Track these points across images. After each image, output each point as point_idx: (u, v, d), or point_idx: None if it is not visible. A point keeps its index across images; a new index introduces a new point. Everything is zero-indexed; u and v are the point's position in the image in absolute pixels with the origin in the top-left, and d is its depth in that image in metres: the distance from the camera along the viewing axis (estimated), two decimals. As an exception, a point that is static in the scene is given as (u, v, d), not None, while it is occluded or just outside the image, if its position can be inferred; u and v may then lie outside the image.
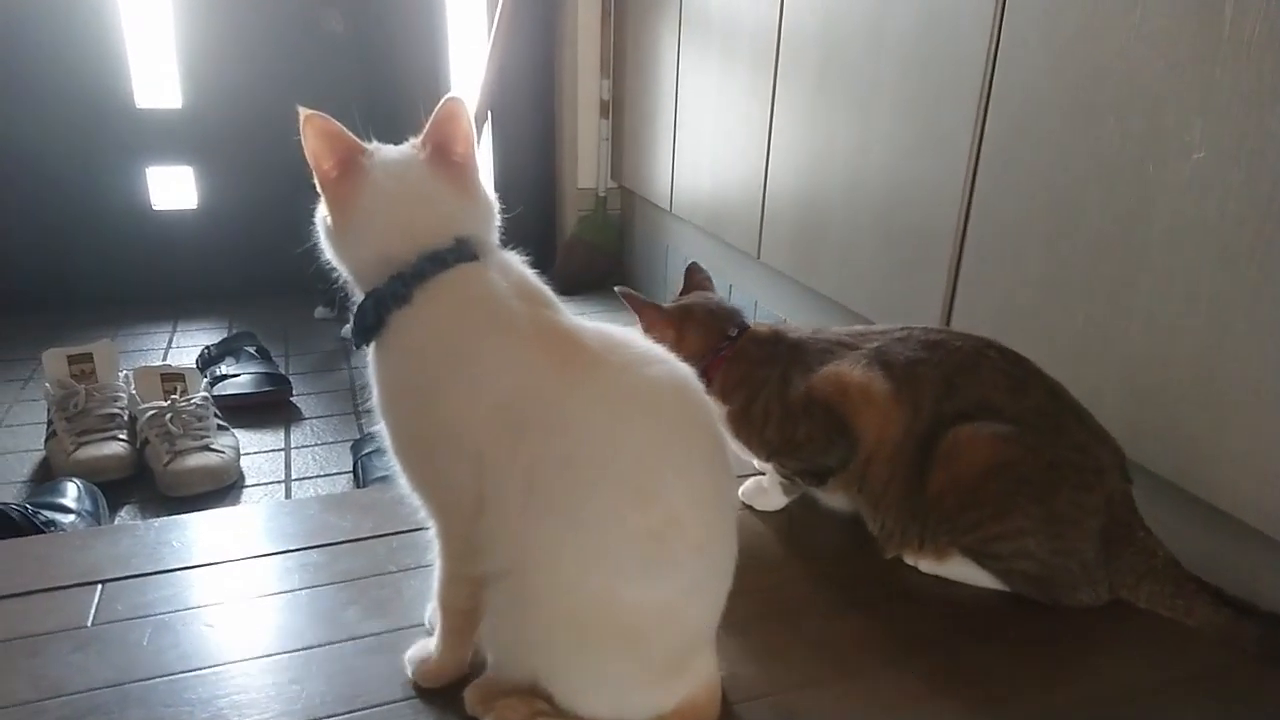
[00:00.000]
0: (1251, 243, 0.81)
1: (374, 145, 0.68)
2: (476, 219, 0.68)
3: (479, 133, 2.26)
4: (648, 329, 0.99)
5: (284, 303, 2.24)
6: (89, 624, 0.80)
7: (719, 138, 1.83)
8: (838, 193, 1.43)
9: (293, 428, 1.65)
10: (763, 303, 1.81)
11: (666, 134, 2.07)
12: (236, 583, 0.87)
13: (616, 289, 1.03)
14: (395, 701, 0.71)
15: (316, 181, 0.66)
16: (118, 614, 0.81)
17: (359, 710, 0.70)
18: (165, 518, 0.99)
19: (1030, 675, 0.78)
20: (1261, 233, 0.80)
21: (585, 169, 2.46)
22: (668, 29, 2.01)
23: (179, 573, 0.88)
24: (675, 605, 0.63)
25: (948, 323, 1.20)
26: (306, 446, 1.57)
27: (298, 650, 0.77)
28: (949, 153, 1.17)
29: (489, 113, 2.30)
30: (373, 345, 0.65)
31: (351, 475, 1.45)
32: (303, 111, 0.63)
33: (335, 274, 0.69)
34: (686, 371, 0.66)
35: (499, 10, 2.20)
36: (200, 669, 0.75)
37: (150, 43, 2.14)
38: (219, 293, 2.30)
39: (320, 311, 2.21)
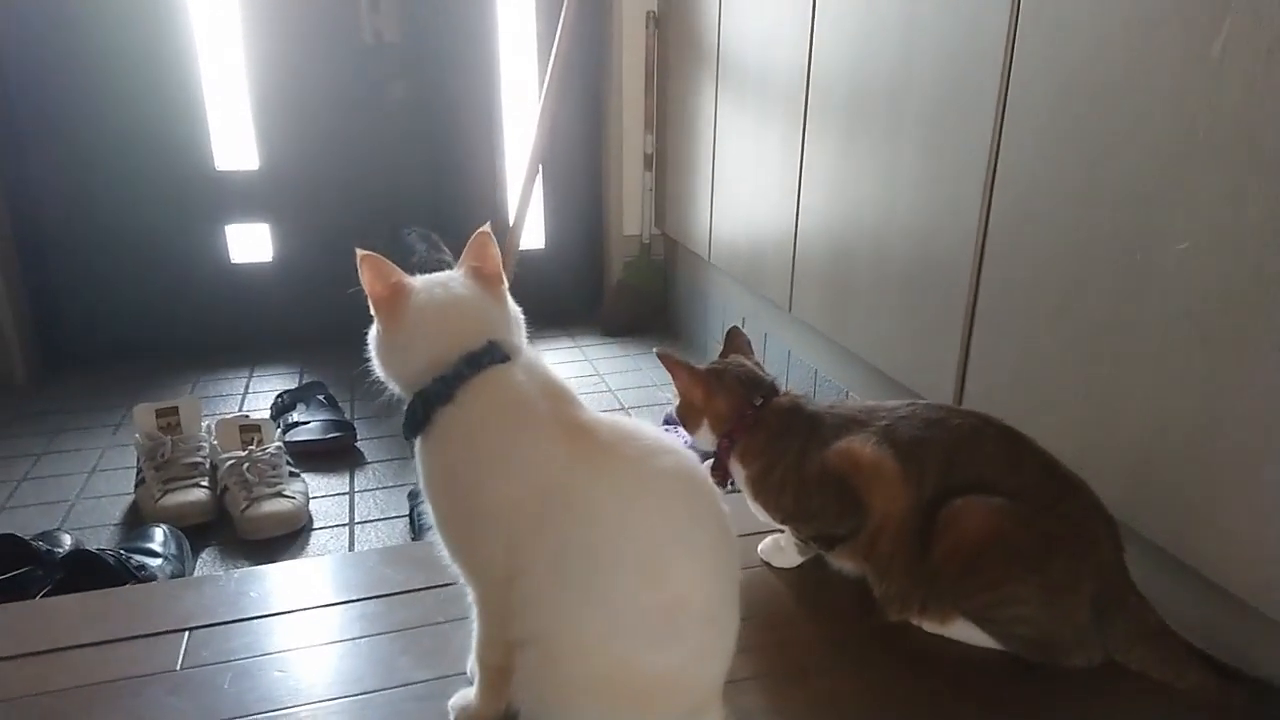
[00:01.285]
0: (1233, 329, 0.86)
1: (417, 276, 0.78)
2: (506, 325, 0.78)
3: (531, 187, 2.39)
4: (681, 389, 1.08)
5: (350, 350, 2.37)
6: (178, 668, 0.91)
7: (753, 192, 1.91)
8: (864, 251, 1.50)
9: (357, 472, 1.77)
10: (795, 353, 1.89)
11: (705, 187, 2.17)
12: (305, 631, 0.98)
13: (655, 351, 1.12)
14: (441, 745, 0.81)
15: (371, 305, 0.77)
16: (203, 659, 0.93)
17: (411, 753, 0.80)
18: (245, 569, 1.11)
19: (1021, 734, 0.84)
20: (1241, 321, 0.85)
21: (630, 217, 2.57)
22: (706, 87, 2.11)
23: (255, 621, 0.99)
24: (684, 668, 0.71)
25: (961, 387, 1.27)
26: (369, 490, 1.69)
27: (358, 695, 0.88)
28: (960, 227, 1.23)
29: (540, 167, 2.43)
30: (419, 438, 0.76)
31: (408, 520, 1.57)
32: (359, 252, 0.74)
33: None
34: (693, 461, 0.75)
35: (549, 75, 2.33)
36: (275, 710, 0.85)
37: (229, 110, 2.32)
38: (291, 340, 2.46)
39: None
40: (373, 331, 0.79)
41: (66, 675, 0.91)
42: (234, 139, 2.35)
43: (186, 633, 0.97)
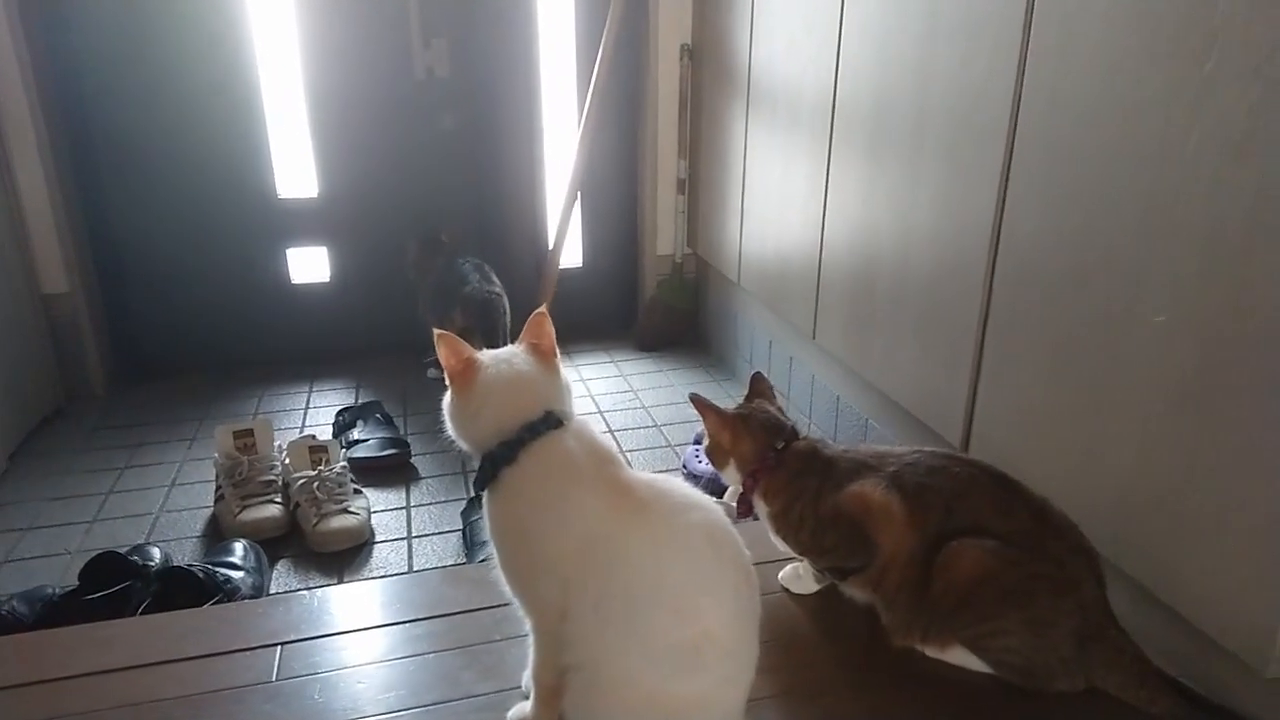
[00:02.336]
0: (1209, 393, 0.96)
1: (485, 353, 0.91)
2: (560, 395, 0.91)
3: (570, 210, 2.52)
4: (710, 429, 1.20)
5: (404, 366, 2.56)
6: (274, 679, 1.06)
7: (779, 221, 2.03)
8: (882, 286, 1.61)
9: (412, 487, 1.92)
10: (819, 378, 2.00)
11: (735, 213, 2.28)
12: (379, 646, 1.12)
13: (689, 395, 1.24)
14: (502, 751, 0.95)
15: (447, 377, 0.90)
16: (295, 671, 1.07)
17: (476, 758, 0.94)
18: (324, 588, 1.25)
19: (1008, 751, 0.96)
20: (1212, 387, 0.96)
21: (664, 238, 2.69)
22: (737, 115, 2.22)
23: (338, 636, 1.14)
24: (710, 695, 0.84)
25: (969, 426, 1.37)
26: (424, 505, 1.84)
27: (428, 705, 1.02)
28: (969, 277, 1.34)
29: (579, 192, 2.56)
30: (487, 492, 0.89)
31: (461, 535, 1.71)
32: (437, 332, 0.87)
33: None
34: (719, 515, 0.87)
35: (588, 105, 2.46)
36: (363, 717, 0.99)
37: (290, 142, 2.48)
38: (347, 357, 2.63)
39: (432, 373, 2.50)
40: (447, 399, 0.92)
41: (175, 685, 1.06)
42: (295, 169, 2.51)
43: (279, 647, 1.11)
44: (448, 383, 0.91)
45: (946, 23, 1.35)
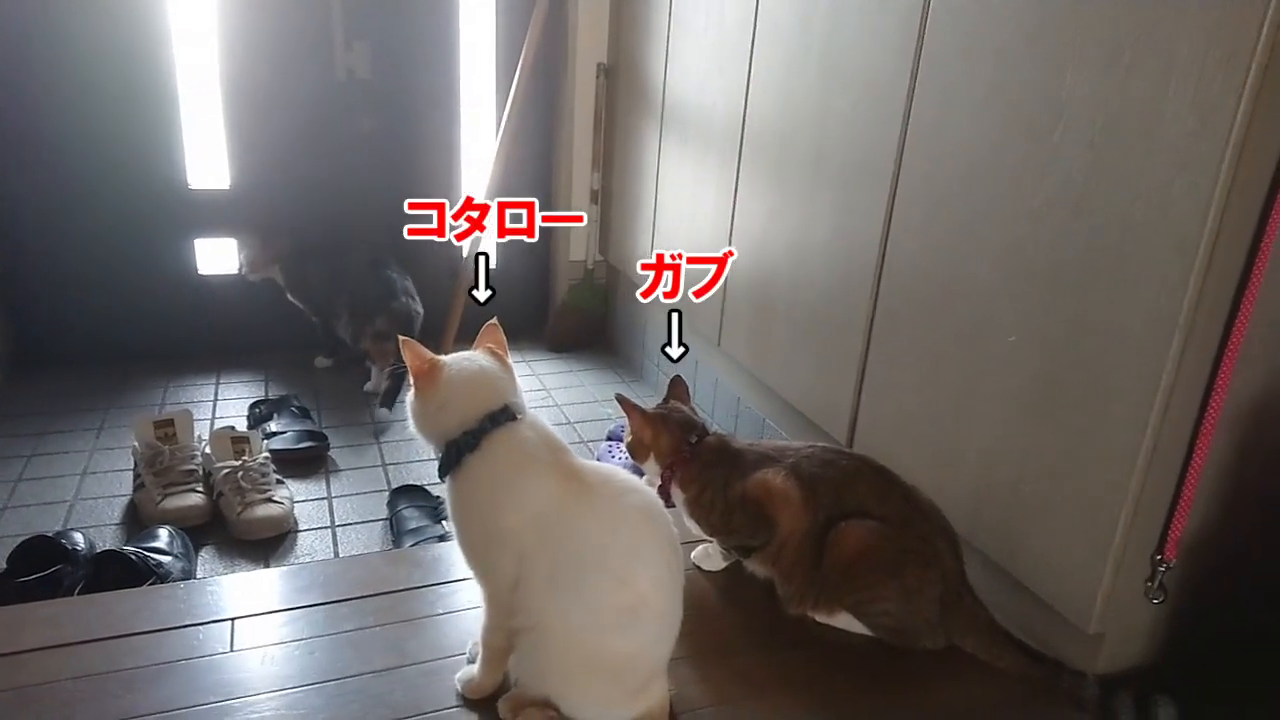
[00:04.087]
0: (1047, 401, 1.18)
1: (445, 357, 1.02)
2: (515, 391, 1.03)
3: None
4: (633, 427, 1.34)
5: (312, 360, 2.59)
6: (230, 650, 1.14)
7: (689, 233, 2.19)
8: (781, 301, 1.79)
9: (332, 478, 1.99)
10: (722, 381, 2.18)
11: (647, 224, 2.44)
12: (328, 619, 1.21)
13: (615, 395, 1.38)
14: (451, 708, 1.06)
15: (411, 376, 1.01)
16: (249, 643, 1.15)
17: (428, 712, 1.05)
18: (279, 569, 1.32)
19: (884, 698, 1.14)
20: (1052, 396, 1.17)
21: (576, 245, 2.83)
22: (651, 132, 2.38)
23: (287, 612, 1.22)
24: (642, 650, 0.98)
25: (854, 424, 1.57)
26: (346, 496, 1.91)
27: (379, 671, 1.12)
28: (857, 292, 1.54)
29: (496, 200, 2.66)
30: (450, 477, 1.00)
31: (389, 524, 1.79)
32: (401, 338, 0.99)
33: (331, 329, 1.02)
34: (653, 497, 1.01)
35: (506, 115, 2.57)
36: (315, 683, 1.09)
37: (204, 134, 2.48)
38: (256, 349, 2.64)
39: (320, 361, 2.56)
40: (410, 397, 1.03)
41: (132, 657, 1.12)
42: (208, 160, 2.51)
43: (231, 622, 1.19)
44: (412, 382, 1.02)
45: (841, 79, 1.55)
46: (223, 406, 2.33)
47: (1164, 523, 1.09)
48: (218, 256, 2.61)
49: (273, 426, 2.08)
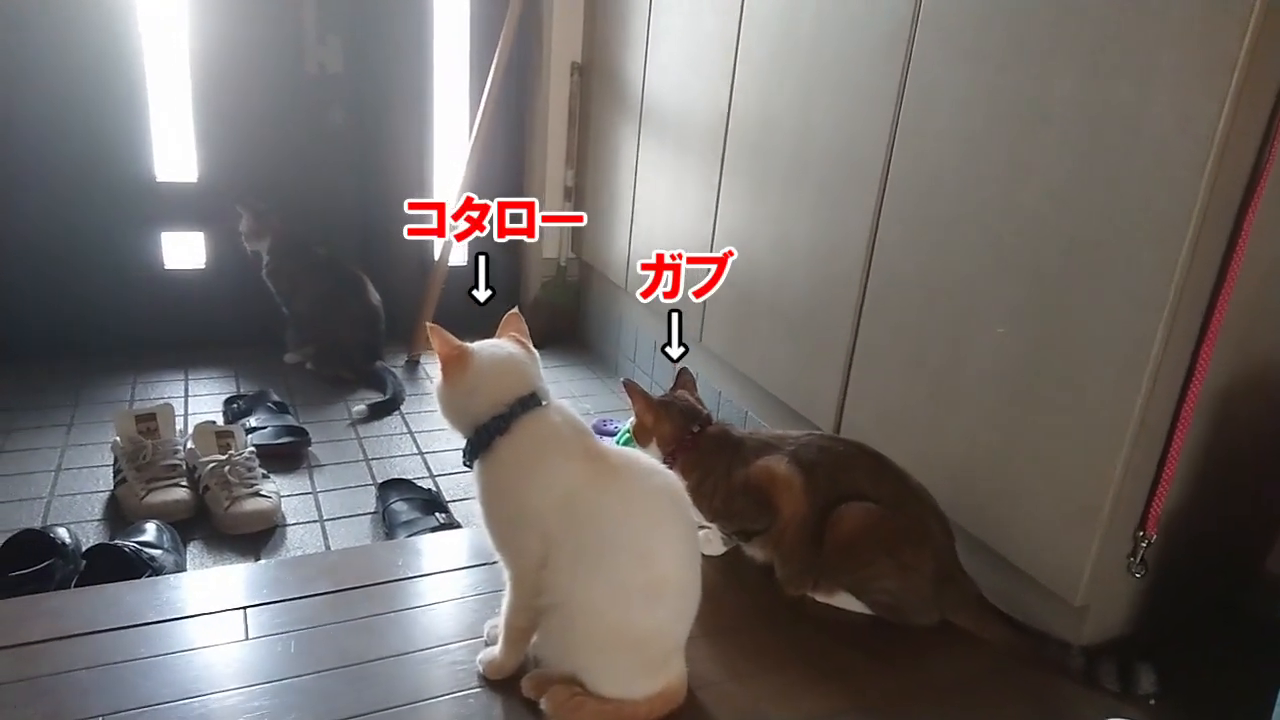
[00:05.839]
0: (1032, 387, 1.25)
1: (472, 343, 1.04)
2: (540, 377, 1.06)
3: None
4: (637, 411, 1.37)
5: (279, 353, 2.57)
6: (246, 638, 1.14)
7: (669, 230, 2.24)
8: (764, 296, 1.85)
9: (315, 472, 1.98)
10: (703, 375, 2.21)
11: (624, 222, 2.48)
12: (343, 606, 1.22)
13: (622, 381, 1.41)
14: (473, 689, 1.08)
15: (440, 364, 1.03)
16: (266, 630, 1.15)
17: (451, 693, 1.07)
18: (281, 559, 1.33)
19: (884, 670, 1.20)
20: (1037, 383, 1.24)
21: (549, 242, 2.85)
22: (628, 130, 2.41)
23: (302, 600, 1.22)
24: (664, 626, 1.02)
25: (841, 412, 1.63)
26: (332, 490, 1.90)
27: (400, 654, 1.13)
28: (845, 285, 1.59)
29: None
30: (480, 460, 1.03)
31: (380, 517, 1.79)
32: (428, 325, 1.01)
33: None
34: (674, 480, 1.05)
35: (480, 114, 2.58)
36: (335, 667, 1.10)
37: (172, 126, 2.44)
38: (223, 345, 2.60)
39: (289, 357, 2.55)
40: (438, 383, 1.05)
41: (146, 646, 1.12)
42: (175, 152, 2.46)
43: (244, 610, 1.19)
44: (440, 368, 1.03)
45: (828, 79, 1.61)
46: (195, 403, 2.29)
47: (1146, 499, 1.16)
48: (184, 250, 2.56)
49: (252, 422, 2.06)
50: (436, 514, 1.71)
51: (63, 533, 1.56)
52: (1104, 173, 1.12)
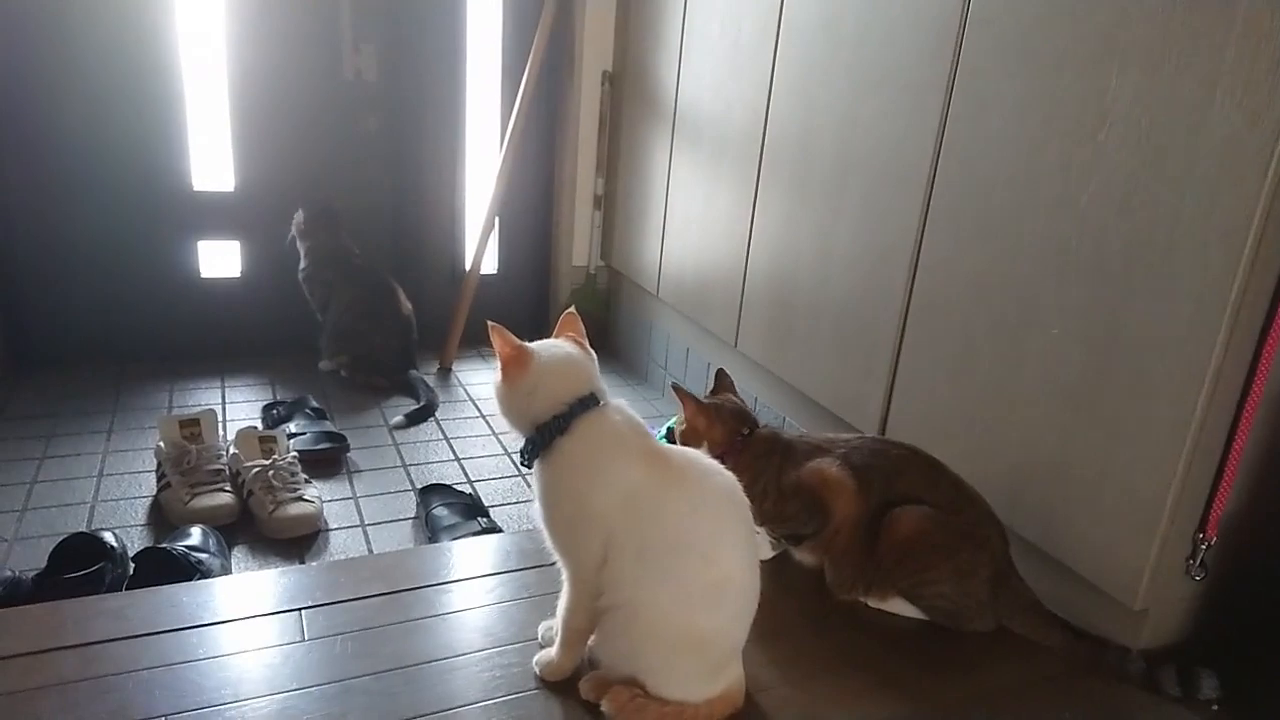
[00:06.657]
0: (1090, 389, 1.24)
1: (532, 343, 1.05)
2: (598, 378, 1.06)
3: (490, 226, 2.65)
4: (687, 415, 1.37)
5: (313, 360, 2.58)
6: (304, 639, 1.14)
7: (703, 237, 2.24)
8: (804, 301, 1.85)
9: (355, 478, 1.98)
10: (738, 381, 2.21)
11: (656, 228, 2.48)
12: (398, 608, 1.22)
13: (671, 384, 1.40)
14: (531, 690, 1.08)
15: (499, 363, 1.03)
16: (323, 631, 1.16)
17: (512, 695, 1.07)
18: (334, 561, 1.33)
19: (939, 676, 1.19)
20: (1095, 385, 1.23)
21: (579, 250, 2.86)
22: (660, 138, 2.42)
23: (356, 601, 1.22)
24: (726, 628, 1.01)
25: (886, 416, 1.62)
26: (372, 495, 1.91)
27: (459, 655, 1.13)
28: (890, 291, 1.59)
29: (497, 219, 2.69)
30: (540, 460, 1.03)
31: (415, 520, 1.79)
32: (490, 324, 1.01)
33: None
34: (733, 481, 1.04)
35: (513, 122, 2.59)
36: (396, 668, 1.10)
37: (209, 135, 2.46)
38: (258, 353, 2.62)
39: (324, 364, 2.56)
40: (497, 383, 1.05)
41: (205, 648, 1.12)
42: (213, 162, 2.49)
43: (300, 612, 1.19)
44: (500, 367, 1.04)
45: (871, 83, 1.61)
46: (232, 409, 2.30)
47: (1206, 501, 1.15)
48: (221, 259, 2.59)
49: (291, 428, 2.07)
50: (479, 519, 1.71)
51: (109, 537, 1.58)
52: (1167, 172, 1.11)
